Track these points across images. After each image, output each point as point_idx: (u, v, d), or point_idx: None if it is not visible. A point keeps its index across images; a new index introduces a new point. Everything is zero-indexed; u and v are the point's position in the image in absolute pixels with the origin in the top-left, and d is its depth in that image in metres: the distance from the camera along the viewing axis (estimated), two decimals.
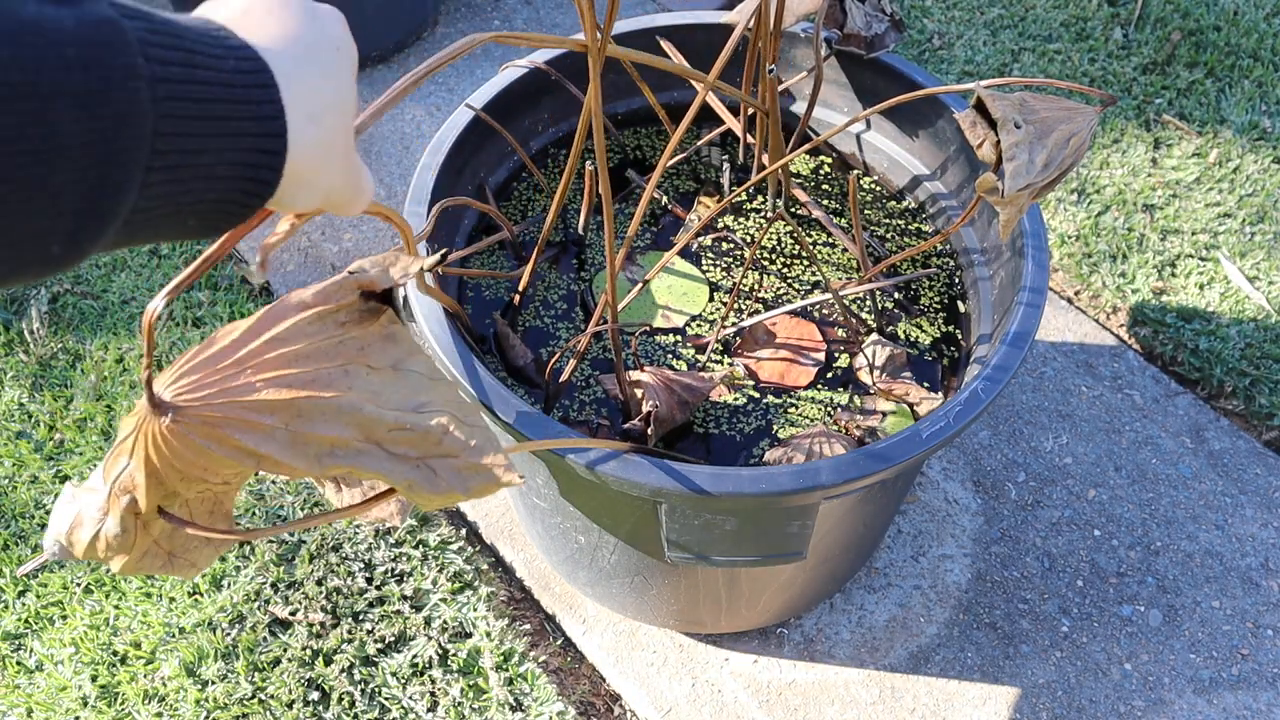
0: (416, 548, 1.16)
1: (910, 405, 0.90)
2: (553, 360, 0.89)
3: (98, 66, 0.31)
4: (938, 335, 0.95)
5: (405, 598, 1.13)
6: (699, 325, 0.95)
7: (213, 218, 0.38)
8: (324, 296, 0.45)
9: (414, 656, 1.09)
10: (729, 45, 0.78)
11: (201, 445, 0.43)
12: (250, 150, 0.37)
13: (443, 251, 0.57)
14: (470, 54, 1.74)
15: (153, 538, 0.48)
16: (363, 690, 1.07)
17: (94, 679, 1.09)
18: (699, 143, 1.06)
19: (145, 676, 1.09)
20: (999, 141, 0.70)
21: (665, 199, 1.06)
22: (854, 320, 0.96)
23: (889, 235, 1.02)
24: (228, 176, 0.36)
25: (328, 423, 0.43)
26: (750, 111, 1.02)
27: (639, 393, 0.84)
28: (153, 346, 0.44)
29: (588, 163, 0.95)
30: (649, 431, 0.83)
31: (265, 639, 1.10)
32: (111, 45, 0.32)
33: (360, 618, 1.12)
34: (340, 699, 1.06)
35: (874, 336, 0.93)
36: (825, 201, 1.05)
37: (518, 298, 0.94)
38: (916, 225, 1.03)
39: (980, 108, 0.72)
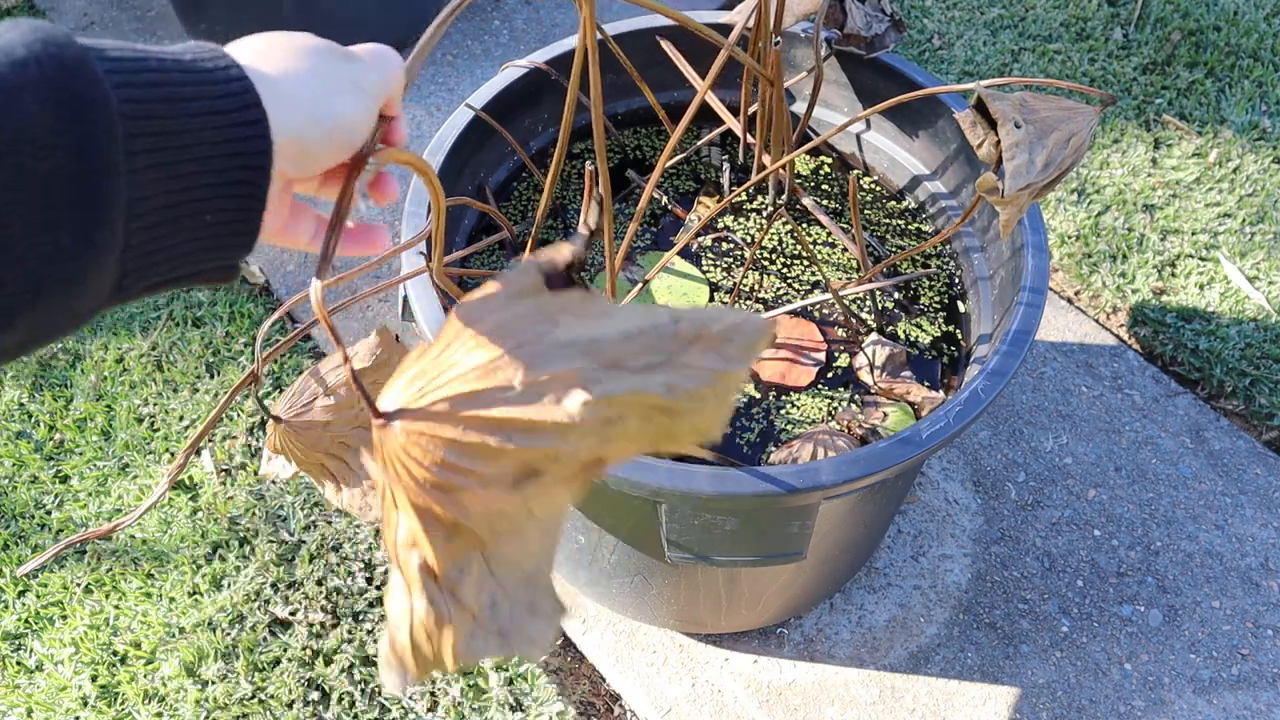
0: None
1: (911, 405, 0.90)
2: None
3: (55, 60, 0.33)
4: (938, 335, 0.95)
5: None
6: None
7: (227, 205, 0.38)
8: (507, 283, 0.42)
9: None
10: (729, 43, 0.78)
11: (443, 438, 0.37)
12: (230, 125, 0.38)
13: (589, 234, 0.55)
14: (470, 53, 1.74)
15: (471, 612, 0.39)
16: (363, 690, 1.07)
17: (94, 679, 1.09)
18: (699, 143, 1.06)
19: (145, 676, 1.09)
20: (999, 141, 0.70)
21: (665, 199, 1.06)
22: (854, 320, 0.96)
23: (889, 235, 1.02)
24: (218, 155, 0.37)
25: (553, 358, 0.38)
26: (750, 111, 1.02)
27: None
28: (339, 339, 0.42)
29: (588, 163, 0.95)
30: None
31: (265, 639, 1.10)
32: (58, 41, 0.34)
33: (360, 618, 1.12)
34: (340, 699, 1.06)
35: (874, 336, 0.93)
36: (825, 201, 1.05)
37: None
38: (916, 225, 1.03)
39: (980, 108, 0.72)
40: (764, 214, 1.04)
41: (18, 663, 1.11)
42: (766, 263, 1.01)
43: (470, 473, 0.37)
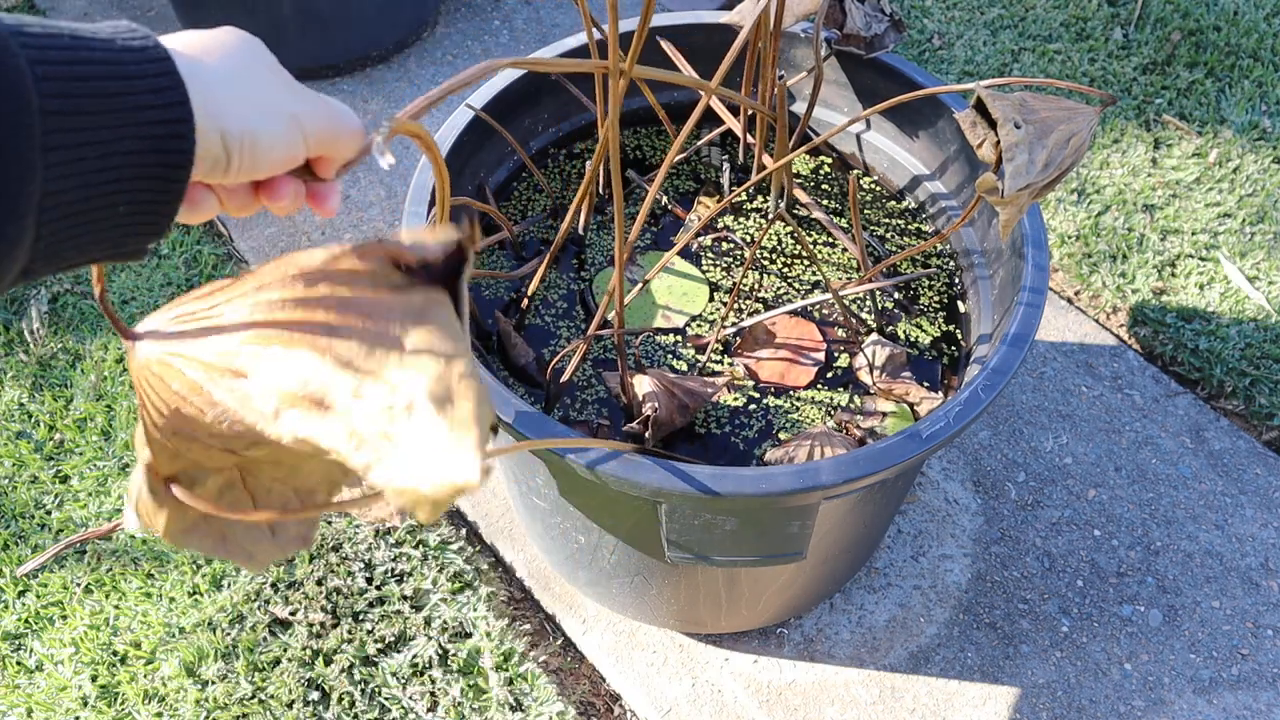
0: (416, 548, 1.16)
1: (910, 405, 0.90)
2: (554, 360, 0.89)
3: None
4: (938, 335, 0.95)
5: (405, 598, 1.13)
6: (699, 325, 0.95)
7: (142, 200, 0.38)
8: (354, 251, 0.40)
9: (414, 656, 1.09)
10: (733, 49, 0.78)
11: (171, 389, 0.38)
12: (155, 121, 0.37)
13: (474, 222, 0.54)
14: (470, 53, 1.74)
15: (198, 511, 0.43)
16: (363, 690, 1.07)
17: (94, 679, 1.09)
18: (699, 143, 1.06)
19: (145, 676, 1.09)
20: (999, 141, 0.70)
21: (665, 199, 1.06)
22: (854, 320, 0.96)
23: (889, 235, 1.02)
24: (139, 150, 0.37)
25: (281, 373, 0.37)
26: (750, 111, 1.02)
27: (640, 395, 0.84)
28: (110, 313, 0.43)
29: (587, 163, 0.95)
30: (647, 434, 0.83)
31: (265, 639, 1.10)
32: None
33: (360, 618, 1.12)
34: (340, 699, 1.06)
35: (874, 336, 0.93)
36: (825, 201, 1.05)
37: (526, 301, 0.94)
38: (916, 225, 1.03)
39: (980, 108, 0.72)
40: (764, 215, 1.04)
41: (18, 663, 1.11)
42: (766, 262, 1.01)
43: (194, 430, 0.39)
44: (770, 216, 1.01)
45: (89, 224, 0.37)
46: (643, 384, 0.84)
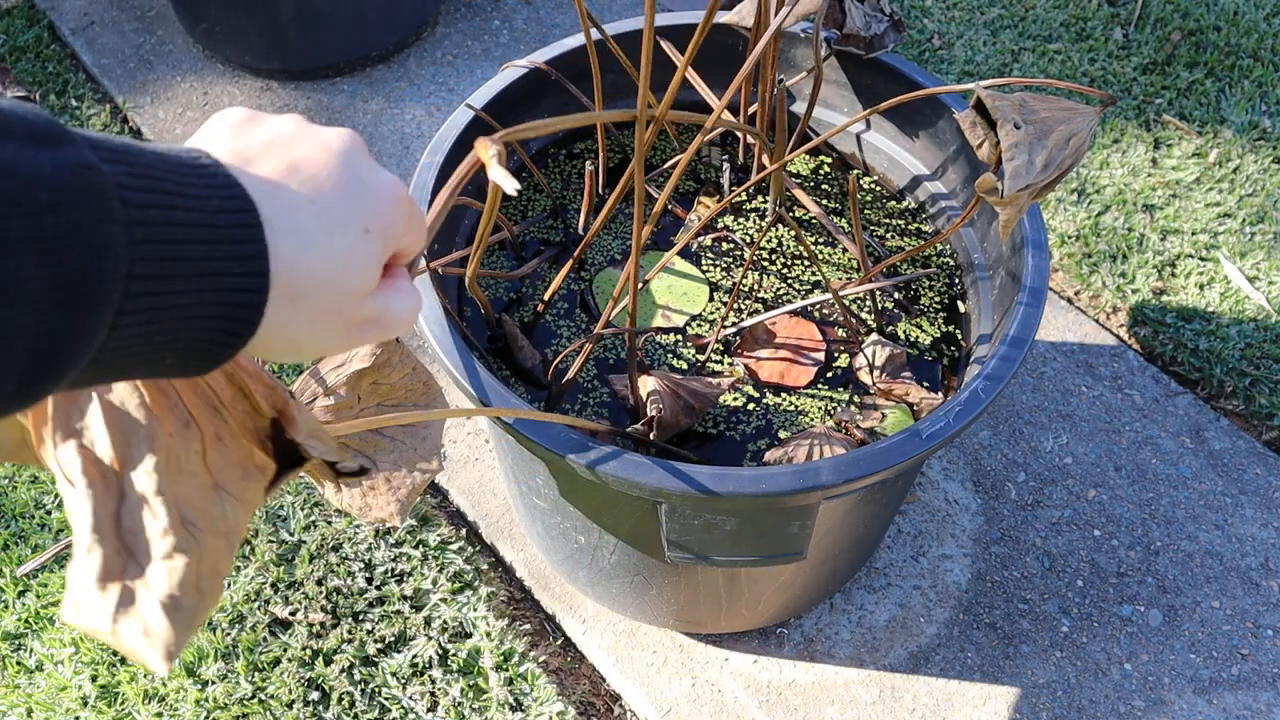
0: (416, 548, 1.16)
1: (910, 405, 0.90)
2: (556, 361, 0.89)
3: (70, 212, 0.30)
4: (938, 335, 0.95)
5: (405, 598, 1.13)
6: (699, 325, 0.95)
7: (190, 357, 0.36)
8: (251, 374, 0.40)
9: (414, 656, 1.09)
10: (749, 63, 0.78)
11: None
12: (230, 290, 0.35)
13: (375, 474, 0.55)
14: (470, 53, 1.74)
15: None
16: (363, 690, 1.07)
17: (94, 679, 1.09)
18: (698, 143, 1.06)
19: (145, 676, 1.09)
20: (999, 142, 0.70)
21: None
22: (854, 320, 0.96)
23: (889, 235, 1.02)
24: (205, 316, 0.35)
25: (119, 429, 0.37)
26: (750, 111, 1.02)
27: (645, 396, 0.84)
28: None
29: (587, 163, 0.95)
30: (651, 435, 0.83)
31: (265, 639, 1.10)
32: (88, 190, 0.31)
33: (360, 618, 1.12)
34: (340, 699, 1.06)
35: (874, 336, 0.93)
36: (825, 201, 1.05)
37: (542, 305, 0.94)
38: (916, 225, 1.03)
39: (980, 108, 0.72)
40: (763, 215, 1.04)
41: (18, 663, 1.11)
42: (766, 263, 1.00)
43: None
44: (768, 219, 1.01)
45: (125, 368, 0.35)
46: (647, 385, 0.84)
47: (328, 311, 0.39)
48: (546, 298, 0.93)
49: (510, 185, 0.42)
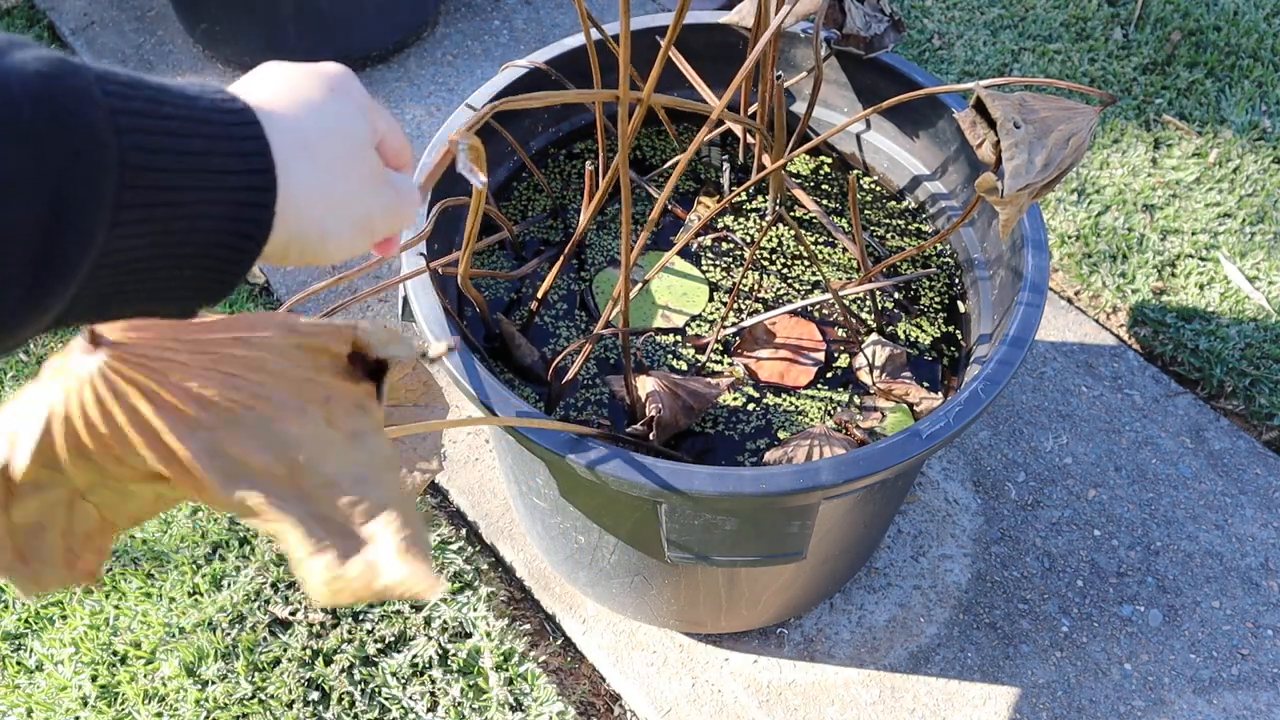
0: None
1: (910, 405, 0.90)
2: (555, 360, 0.89)
3: (52, 99, 0.30)
4: (938, 335, 0.95)
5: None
6: (699, 325, 0.95)
7: (210, 266, 0.36)
8: (314, 332, 0.42)
9: (414, 656, 1.09)
10: (749, 62, 0.78)
11: (131, 404, 0.37)
12: (238, 188, 0.35)
13: (455, 340, 0.55)
14: (470, 53, 1.74)
15: (11, 524, 0.40)
16: (363, 690, 1.07)
17: (94, 679, 1.09)
18: (713, 132, 1.06)
19: (145, 676, 1.09)
20: (999, 141, 0.70)
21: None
22: (854, 320, 0.96)
23: (889, 235, 1.02)
24: (216, 216, 0.35)
25: (258, 444, 0.39)
26: (750, 111, 1.02)
27: (644, 396, 0.84)
28: None
29: (587, 163, 0.95)
30: (650, 436, 0.83)
31: (265, 639, 1.10)
32: (63, 77, 0.31)
33: (360, 618, 1.12)
34: (340, 699, 1.06)
35: (874, 336, 0.93)
36: (825, 201, 1.05)
37: (536, 304, 0.94)
38: (916, 225, 1.03)
39: (980, 108, 0.72)
40: (763, 215, 1.04)
41: (18, 663, 1.11)
42: (766, 263, 1.00)
43: (117, 461, 0.38)
44: (767, 220, 1.01)
45: (146, 283, 0.35)
46: (646, 385, 0.84)
47: (340, 160, 0.41)
48: (540, 295, 0.93)
49: (477, 180, 0.43)
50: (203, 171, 0.34)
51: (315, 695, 1.07)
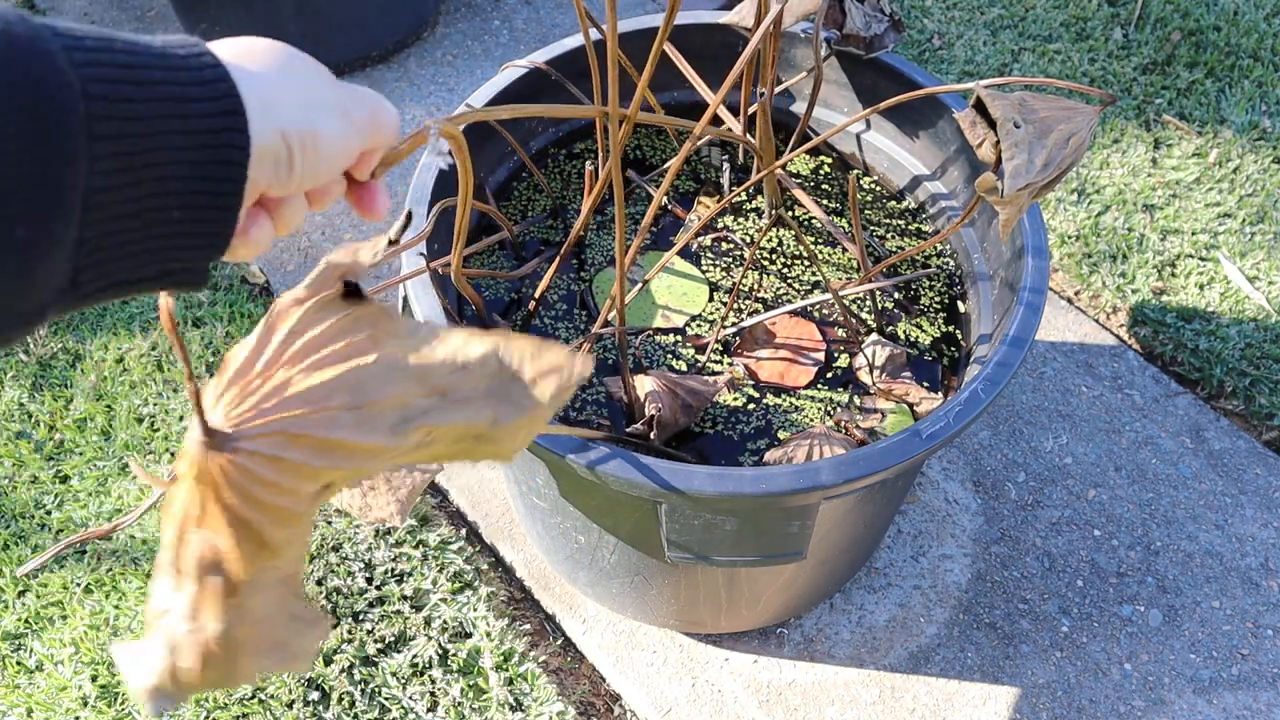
0: (416, 548, 1.16)
1: (910, 405, 0.90)
2: None
3: (4, 39, 0.30)
4: (938, 335, 0.95)
5: (405, 598, 1.13)
6: (699, 325, 0.95)
7: (199, 201, 0.36)
8: (315, 288, 0.42)
9: (414, 656, 1.09)
10: (744, 56, 0.78)
11: (271, 456, 0.38)
12: (204, 113, 0.35)
13: (402, 222, 0.55)
14: (470, 53, 1.74)
15: (254, 625, 0.39)
16: (363, 690, 1.07)
17: (94, 679, 1.09)
18: (699, 142, 1.06)
19: None
20: (998, 141, 0.70)
21: (665, 199, 1.06)
22: (854, 320, 0.96)
23: (889, 235, 1.02)
24: (190, 146, 0.35)
25: (386, 383, 0.39)
26: (750, 111, 1.02)
27: (643, 396, 0.84)
28: (187, 358, 0.40)
29: (587, 163, 0.95)
30: (651, 435, 0.83)
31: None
32: (13, 22, 0.31)
33: (360, 618, 1.12)
34: (340, 699, 1.06)
35: (874, 336, 0.93)
36: (825, 201, 1.05)
37: (534, 304, 0.94)
38: (916, 225, 1.03)
39: (980, 107, 0.72)
40: (763, 216, 1.04)
41: (18, 663, 1.11)
42: (766, 262, 1.00)
43: (283, 489, 0.38)
44: (765, 222, 1.01)
45: (141, 229, 0.35)
46: (645, 384, 0.84)
47: (299, 67, 0.41)
48: (538, 295, 0.93)
49: (442, 161, 0.45)
50: (166, 100, 0.34)
51: (315, 695, 1.07)
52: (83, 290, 0.34)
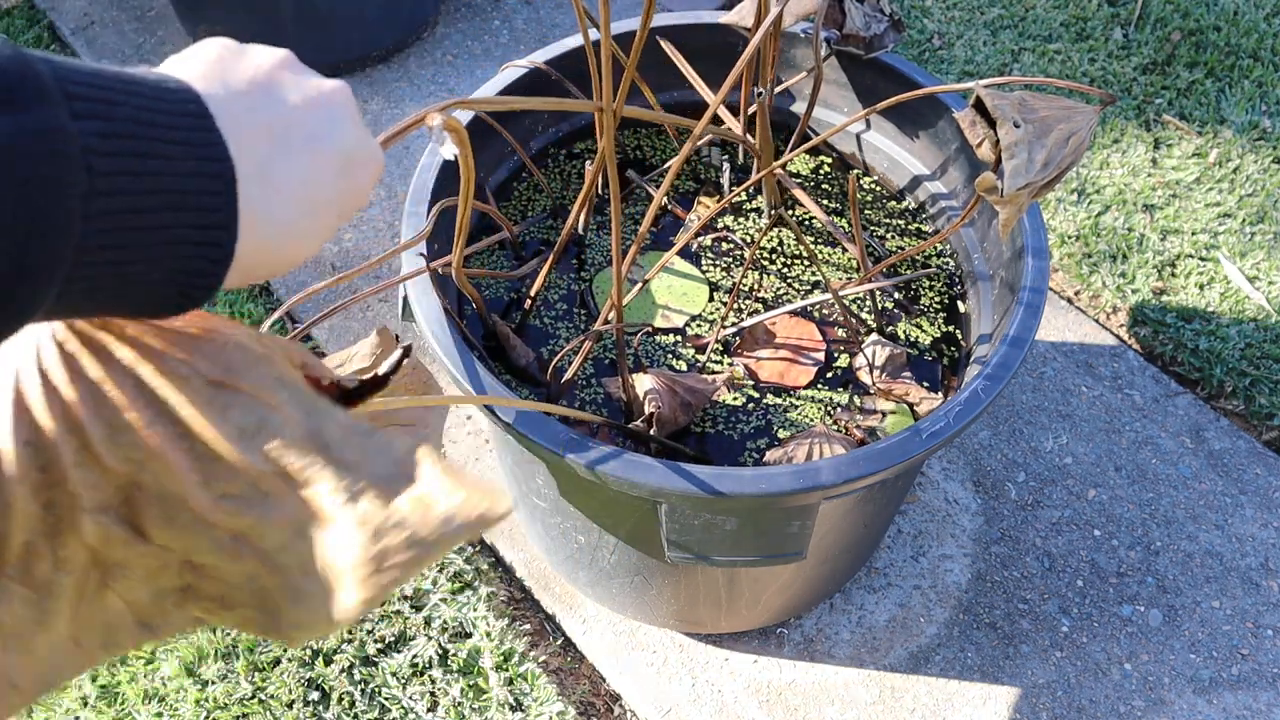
0: None
1: (910, 405, 0.90)
2: (554, 360, 0.89)
3: (9, 101, 0.29)
4: (938, 335, 0.95)
5: (405, 598, 1.13)
6: (699, 325, 0.95)
7: (193, 266, 0.35)
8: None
9: (414, 656, 1.09)
10: (745, 57, 0.78)
11: (110, 355, 0.35)
12: (192, 174, 0.34)
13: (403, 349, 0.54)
14: (470, 53, 1.74)
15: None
16: (363, 690, 1.07)
17: (94, 679, 1.09)
18: (699, 142, 1.06)
19: (145, 676, 1.09)
20: (998, 141, 0.70)
21: (665, 199, 1.06)
22: (854, 320, 0.96)
23: (889, 235, 1.02)
24: (179, 207, 0.34)
25: (255, 403, 0.35)
26: (750, 111, 1.02)
27: (642, 394, 0.84)
28: None
29: (587, 163, 0.95)
30: (651, 433, 0.83)
31: (265, 639, 1.10)
32: (20, 59, 0.30)
33: (360, 618, 1.12)
34: (340, 699, 1.06)
35: (874, 336, 0.93)
36: (825, 201, 1.05)
37: (529, 302, 0.94)
38: (916, 225, 1.03)
39: (979, 107, 0.72)
40: (763, 215, 1.04)
41: None
42: (766, 262, 1.00)
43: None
44: (764, 224, 1.01)
45: (123, 288, 0.34)
46: (644, 382, 0.84)
47: (310, 148, 0.39)
48: (533, 295, 0.93)
49: (448, 151, 0.43)
50: (159, 158, 0.33)
51: (315, 695, 1.07)
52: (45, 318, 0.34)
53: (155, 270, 0.34)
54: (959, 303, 0.97)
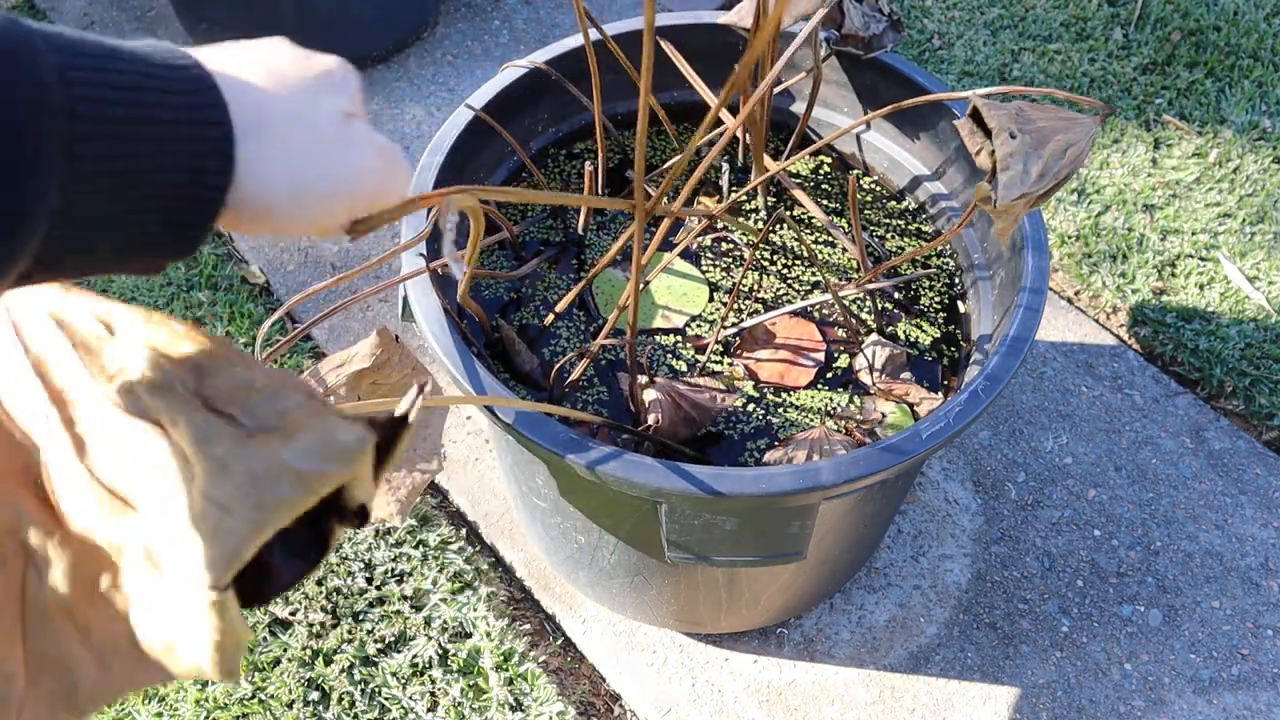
0: (416, 548, 1.17)
1: (910, 405, 0.90)
2: (558, 363, 0.89)
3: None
4: (938, 335, 0.95)
5: (405, 598, 1.13)
6: (699, 325, 0.95)
7: (173, 217, 0.35)
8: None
9: (414, 656, 1.09)
10: (746, 60, 0.78)
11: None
12: (191, 137, 0.35)
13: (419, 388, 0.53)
14: (470, 53, 1.74)
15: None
16: (363, 690, 1.07)
17: None
18: (699, 142, 1.06)
19: None
20: (994, 151, 0.70)
21: (665, 200, 1.06)
22: (854, 320, 0.96)
23: (889, 236, 1.02)
24: (174, 168, 0.34)
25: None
26: (750, 112, 1.02)
27: (646, 404, 0.84)
28: None
29: (587, 163, 0.95)
30: (645, 444, 0.83)
31: (265, 639, 1.11)
32: (8, 27, 0.31)
33: (360, 618, 1.12)
34: (340, 699, 1.06)
35: (874, 337, 0.93)
36: (825, 201, 1.05)
37: (551, 316, 0.94)
38: (917, 226, 1.03)
39: (976, 116, 0.72)
40: (761, 216, 1.04)
41: None
42: (766, 263, 1.01)
43: None
44: (763, 226, 1.01)
45: (109, 238, 0.34)
46: (650, 393, 0.84)
47: (323, 124, 0.40)
48: (559, 309, 0.92)
49: (458, 268, 0.43)
50: (155, 123, 0.34)
51: (315, 695, 1.07)
52: (30, 282, 0.34)
53: (166, 144, 0.34)
54: (959, 303, 0.97)
